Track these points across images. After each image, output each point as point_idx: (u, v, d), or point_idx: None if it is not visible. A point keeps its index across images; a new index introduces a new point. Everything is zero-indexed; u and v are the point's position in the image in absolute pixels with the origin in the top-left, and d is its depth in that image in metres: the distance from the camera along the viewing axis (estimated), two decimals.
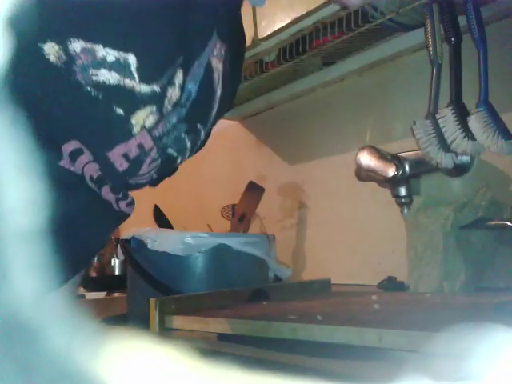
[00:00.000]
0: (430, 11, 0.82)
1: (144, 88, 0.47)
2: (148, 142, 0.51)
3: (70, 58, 0.44)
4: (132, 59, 0.46)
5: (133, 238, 0.82)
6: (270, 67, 1.08)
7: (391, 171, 0.87)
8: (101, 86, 0.46)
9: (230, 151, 1.43)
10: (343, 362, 0.45)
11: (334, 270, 1.08)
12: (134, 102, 0.48)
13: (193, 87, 0.52)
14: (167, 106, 0.50)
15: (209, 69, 0.53)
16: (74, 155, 0.48)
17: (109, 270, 1.35)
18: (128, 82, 0.47)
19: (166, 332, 0.62)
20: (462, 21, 0.81)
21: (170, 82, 0.49)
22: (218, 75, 0.54)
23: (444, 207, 0.78)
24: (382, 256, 0.99)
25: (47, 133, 0.47)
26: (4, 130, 0.20)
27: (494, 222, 0.73)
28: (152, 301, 0.62)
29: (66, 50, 0.44)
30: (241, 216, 1.14)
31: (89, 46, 0.45)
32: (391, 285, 0.88)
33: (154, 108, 0.49)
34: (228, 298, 0.71)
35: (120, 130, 0.49)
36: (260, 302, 0.72)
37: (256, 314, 0.60)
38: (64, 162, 0.47)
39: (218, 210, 1.26)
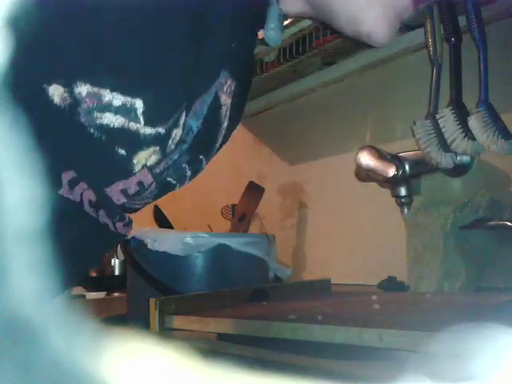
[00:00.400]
0: (430, 11, 0.82)
1: (148, 130, 0.47)
2: (148, 179, 0.51)
3: (75, 101, 0.44)
4: (139, 104, 0.45)
5: (133, 238, 0.82)
6: (270, 67, 1.08)
7: (391, 171, 0.87)
8: (104, 129, 0.45)
9: (229, 151, 1.43)
10: (343, 362, 0.45)
11: (334, 270, 1.08)
12: (138, 143, 0.47)
13: (194, 123, 0.51)
14: (171, 145, 0.50)
15: (216, 104, 0.52)
16: (73, 183, 0.47)
17: (109, 270, 1.35)
18: (133, 125, 0.46)
19: (166, 332, 0.62)
20: (461, 21, 0.81)
21: (176, 124, 0.49)
22: (225, 109, 0.54)
23: (444, 207, 0.78)
24: (382, 256, 0.99)
25: (48, 164, 0.46)
26: (4, 130, 0.20)
27: (493, 222, 0.73)
28: (152, 301, 0.62)
29: (71, 92, 0.43)
30: (241, 216, 1.14)
31: (95, 90, 0.44)
32: (391, 285, 0.88)
33: (158, 148, 0.48)
34: (228, 298, 0.71)
35: (121, 169, 0.49)
36: (260, 302, 0.72)
37: (256, 314, 0.60)
38: (63, 191, 0.47)
39: (218, 210, 1.26)
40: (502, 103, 0.78)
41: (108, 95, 0.44)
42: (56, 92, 0.43)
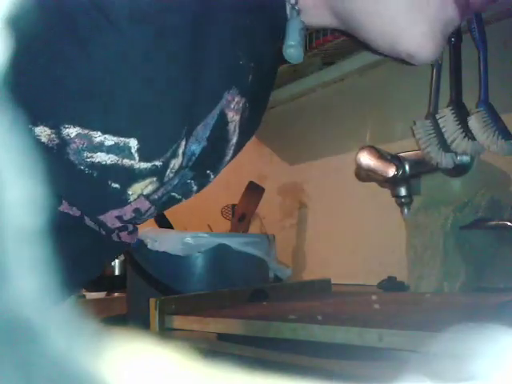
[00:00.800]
0: None
1: (144, 165, 0.45)
2: (145, 206, 0.50)
3: (63, 141, 0.42)
4: (133, 143, 0.43)
5: None
6: None
7: (391, 171, 0.87)
8: (96, 166, 0.44)
9: None
10: (343, 362, 0.45)
11: (334, 270, 1.08)
12: (132, 177, 0.46)
13: (196, 148, 0.49)
14: (169, 174, 0.48)
15: (222, 122, 0.50)
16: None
17: (109, 270, 1.35)
18: (126, 162, 0.44)
19: (166, 332, 0.61)
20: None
21: (174, 155, 0.47)
22: (234, 126, 0.52)
23: (444, 207, 0.78)
24: (382, 256, 0.99)
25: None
26: (3, 131, 0.20)
27: (494, 222, 0.73)
28: (152, 301, 0.62)
29: (58, 134, 0.42)
30: (241, 216, 1.14)
31: (85, 132, 0.42)
32: (391, 285, 0.87)
33: (155, 179, 0.47)
34: (228, 298, 0.71)
35: (115, 200, 0.47)
36: (260, 302, 0.72)
37: (256, 314, 0.60)
38: (63, 207, 0.46)
39: (218, 210, 1.26)
40: (501, 103, 0.78)
41: (99, 137, 0.43)
42: (43, 134, 0.41)
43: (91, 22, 0.39)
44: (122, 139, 0.43)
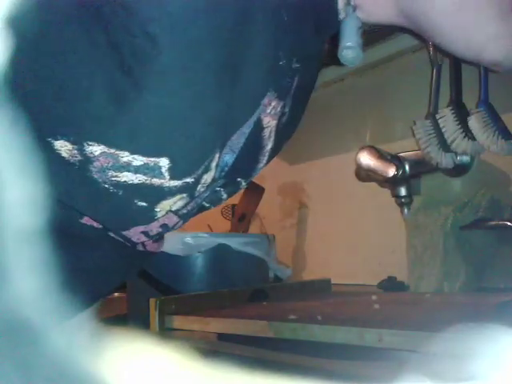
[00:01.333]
0: None
1: (174, 183, 0.41)
2: (173, 221, 0.46)
3: (86, 159, 0.38)
4: (164, 162, 0.40)
5: None
6: None
7: (391, 171, 0.87)
8: (121, 185, 0.40)
9: None
10: (343, 362, 0.45)
11: (334, 270, 1.08)
12: (161, 195, 0.42)
13: (230, 158, 0.46)
14: (200, 189, 0.45)
15: (258, 128, 0.46)
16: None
17: None
18: (156, 181, 0.40)
19: (166, 332, 0.61)
20: None
21: (207, 169, 0.43)
22: (269, 131, 0.48)
23: (444, 207, 0.78)
24: (382, 256, 0.99)
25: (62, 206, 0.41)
26: (3, 130, 0.20)
27: (494, 222, 0.73)
28: (152, 301, 0.62)
29: (81, 150, 0.38)
30: (241, 216, 1.13)
31: (111, 151, 0.38)
32: (391, 285, 0.87)
33: (185, 195, 0.43)
34: (228, 298, 0.71)
35: (140, 218, 0.44)
36: (260, 302, 0.72)
37: (256, 314, 0.60)
38: (86, 220, 0.44)
39: (218, 210, 1.26)
40: (502, 103, 0.77)
41: (127, 157, 0.39)
42: (63, 148, 0.38)
43: (126, 33, 0.35)
44: (153, 159, 0.39)
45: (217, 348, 0.55)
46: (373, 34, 0.93)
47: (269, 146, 0.50)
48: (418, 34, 0.53)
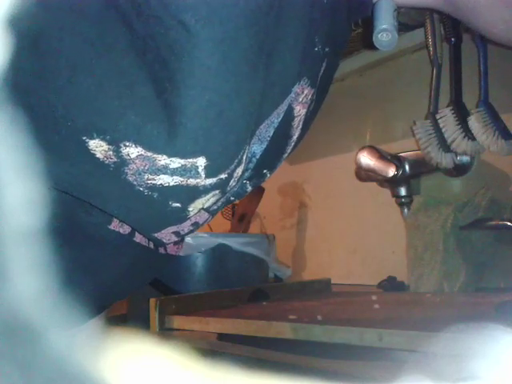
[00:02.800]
0: (430, 11, 0.82)
1: (209, 181, 0.40)
2: (203, 218, 0.45)
3: (122, 161, 0.37)
4: (201, 162, 0.38)
5: None
6: None
7: (391, 171, 0.87)
8: (157, 188, 0.39)
9: None
10: (343, 362, 0.45)
11: (334, 270, 1.08)
12: (196, 194, 0.41)
13: (257, 148, 0.45)
14: (232, 184, 0.43)
15: (288, 118, 0.44)
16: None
17: None
18: (192, 181, 0.39)
19: (166, 332, 0.62)
20: None
21: (239, 163, 0.41)
22: (298, 120, 0.46)
23: (444, 207, 0.78)
24: (382, 256, 0.99)
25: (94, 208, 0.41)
26: (3, 130, 0.20)
27: (494, 222, 0.73)
28: (152, 301, 0.62)
29: (116, 152, 0.36)
30: (241, 216, 1.13)
31: (148, 154, 0.36)
32: (391, 285, 0.88)
33: (217, 191, 0.42)
34: (228, 297, 0.71)
35: (173, 218, 0.43)
36: (260, 302, 0.72)
37: (256, 314, 0.60)
38: (114, 225, 0.43)
39: None
40: (502, 103, 0.78)
41: (164, 160, 0.37)
42: (98, 149, 0.36)
43: (159, 24, 0.33)
44: (190, 160, 0.38)
45: (217, 348, 0.55)
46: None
47: (296, 135, 0.48)
48: (445, 19, 0.48)
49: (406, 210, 0.89)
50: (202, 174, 0.39)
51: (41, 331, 0.18)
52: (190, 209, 0.42)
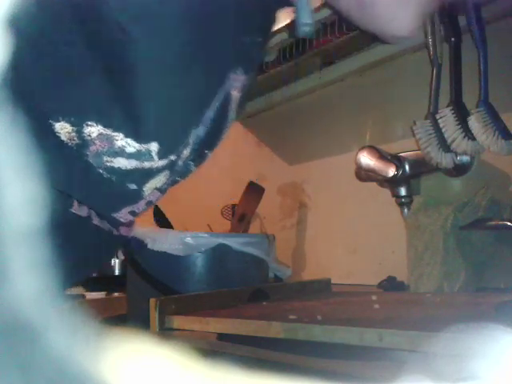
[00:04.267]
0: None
1: (162, 163, 0.45)
2: (156, 196, 0.50)
3: (83, 142, 0.41)
4: (154, 146, 0.43)
5: (133, 237, 0.82)
6: (270, 67, 1.08)
7: (391, 171, 0.87)
8: (115, 171, 0.43)
9: (230, 151, 1.43)
10: (343, 362, 0.45)
11: (334, 270, 1.08)
12: (150, 175, 0.45)
13: (202, 131, 0.49)
14: (179, 163, 0.48)
15: (226, 102, 0.50)
16: (80, 203, 0.47)
17: (109, 270, 1.35)
18: (146, 164, 0.44)
19: (165, 332, 0.62)
20: (462, 21, 0.81)
21: (186, 145, 0.47)
22: (234, 104, 0.51)
23: (444, 207, 0.78)
24: (382, 256, 0.99)
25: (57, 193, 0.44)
26: (3, 130, 0.20)
27: (494, 222, 0.73)
28: (152, 301, 0.62)
29: (79, 132, 0.40)
30: (241, 216, 1.14)
31: (108, 132, 0.41)
32: (391, 285, 0.88)
33: (168, 172, 0.47)
34: (228, 297, 0.71)
35: (130, 199, 0.47)
36: (260, 302, 0.72)
37: (256, 314, 0.60)
38: (74, 208, 0.46)
39: (217, 210, 1.26)
40: (502, 103, 0.78)
41: (121, 140, 0.41)
42: (63, 131, 0.40)
43: (103, 23, 0.38)
44: (145, 146, 0.42)
45: (217, 348, 0.55)
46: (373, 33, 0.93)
47: (232, 116, 0.53)
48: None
49: (405, 210, 0.89)
50: (156, 158, 0.44)
51: (41, 331, 0.18)
52: (145, 189, 0.46)
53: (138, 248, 0.81)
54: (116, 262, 1.33)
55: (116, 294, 1.15)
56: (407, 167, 0.88)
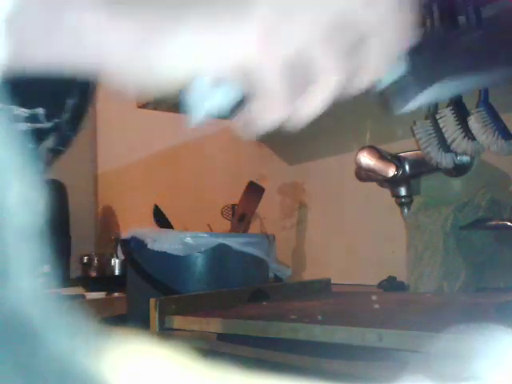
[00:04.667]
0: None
1: (49, 124, 0.51)
2: (49, 158, 0.56)
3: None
4: (40, 111, 0.49)
5: (133, 237, 0.82)
6: None
7: (391, 171, 0.87)
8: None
9: (230, 151, 1.43)
10: (343, 362, 0.45)
11: (334, 270, 1.08)
12: (43, 136, 0.52)
13: (73, 101, 0.56)
14: (63, 128, 0.54)
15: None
16: None
17: (109, 270, 1.35)
18: (39, 126, 0.50)
19: (165, 332, 0.62)
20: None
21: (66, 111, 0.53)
22: None
23: (444, 207, 0.78)
24: (382, 256, 0.99)
25: None
26: (3, 130, 0.20)
27: (494, 222, 0.73)
28: (152, 301, 0.62)
29: None
30: (241, 216, 1.13)
31: (5, 107, 0.46)
32: (391, 285, 0.87)
33: (55, 133, 0.53)
34: (228, 297, 0.71)
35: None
36: (260, 302, 0.72)
37: (256, 314, 0.60)
38: None
39: (217, 210, 1.26)
40: (502, 103, 0.78)
41: (16, 110, 0.47)
42: None
43: None
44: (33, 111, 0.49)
45: (217, 348, 0.55)
46: None
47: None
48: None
49: (405, 210, 0.89)
50: (44, 120, 0.50)
51: (41, 331, 0.18)
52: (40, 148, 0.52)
53: (138, 248, 0.81)
54: (116, 262, 1.33)
55: (116, 294, 1.15)
56: (407, 167, 0.88)
